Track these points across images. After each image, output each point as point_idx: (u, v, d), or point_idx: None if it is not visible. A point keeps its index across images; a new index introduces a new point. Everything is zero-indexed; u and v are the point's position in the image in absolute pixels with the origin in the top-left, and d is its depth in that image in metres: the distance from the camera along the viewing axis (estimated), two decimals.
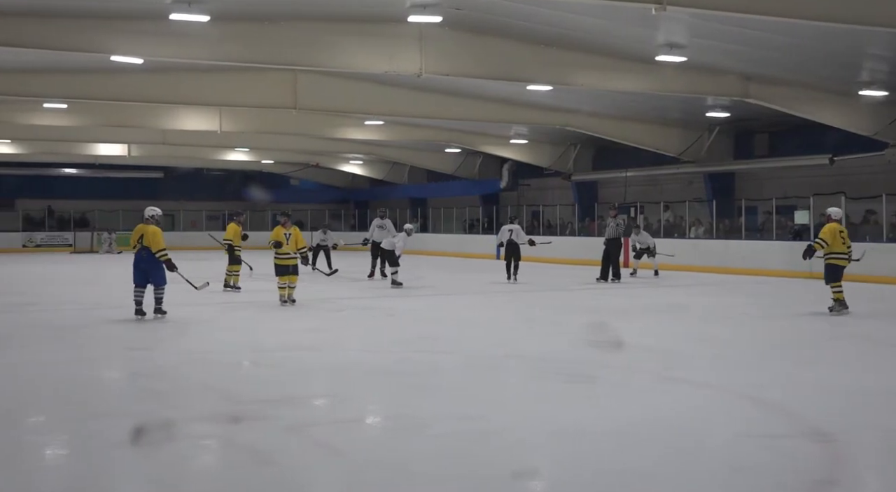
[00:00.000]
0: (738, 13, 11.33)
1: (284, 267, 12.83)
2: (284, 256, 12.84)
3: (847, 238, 11.64)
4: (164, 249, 11.14)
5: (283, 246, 12.84)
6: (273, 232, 13.05)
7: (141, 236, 11.20)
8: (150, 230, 11.17)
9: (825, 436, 5.38)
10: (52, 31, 13.52)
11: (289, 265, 12.80)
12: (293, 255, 12.83)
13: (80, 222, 37.14)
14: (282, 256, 12.86)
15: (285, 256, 12.84)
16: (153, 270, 11.14)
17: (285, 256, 12.84)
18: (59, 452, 5.38)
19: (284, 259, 12.85)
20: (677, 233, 23.69)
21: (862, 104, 18.35)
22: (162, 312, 11.37)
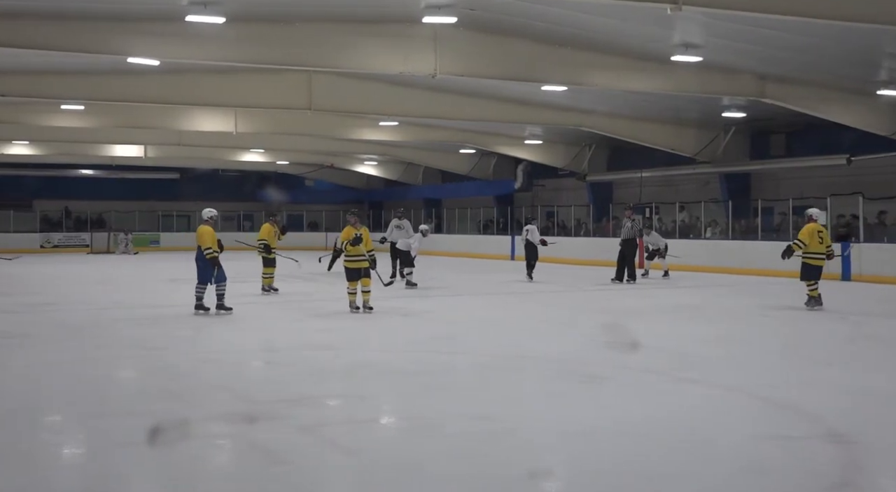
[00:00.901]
0: (754, 13, 11.26)
1: (356, 271, 11.70)
2: (357, 258, 11.74)
3: (826, 238, 12.06)
4: (211, 248, 11.51)
5: (351, 247, 11.75)
6: (343, 232, 11.96)
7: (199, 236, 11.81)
8: (200, 230, 11.75)
9: (841, 437, 5.33)
10: (69, 34, 13.62)
11: (360, 269, 11.70)
12: (365, 257, 11.76)
13: (97, 223, 37.40)
14: (353, 259, 11.75)
15: (358, 259, 11.73)
16: (200, 268, 11.60)
17: (358, 259, 11.73)
18: (74, 451, 5.41)
19: (356, 262, 11.73)
20: (693, 234, 23.59)
21: (880, 104, 18.19)
22: (225, 309, 11.70)
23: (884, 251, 17.71)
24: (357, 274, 11.68)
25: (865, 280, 17.25)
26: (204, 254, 11.55)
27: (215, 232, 11.76)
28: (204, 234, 11.63)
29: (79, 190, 38.62)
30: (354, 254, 11.72)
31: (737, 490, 4.44)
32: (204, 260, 11.59)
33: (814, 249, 11.85)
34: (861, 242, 18.11)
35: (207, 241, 11.53)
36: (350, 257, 11.78)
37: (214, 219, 11.96)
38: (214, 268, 11.60)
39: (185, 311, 11.99)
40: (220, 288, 11.72)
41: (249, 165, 37.07)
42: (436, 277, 18.73)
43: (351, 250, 11.75)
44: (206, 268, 11.59)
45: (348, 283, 11.77)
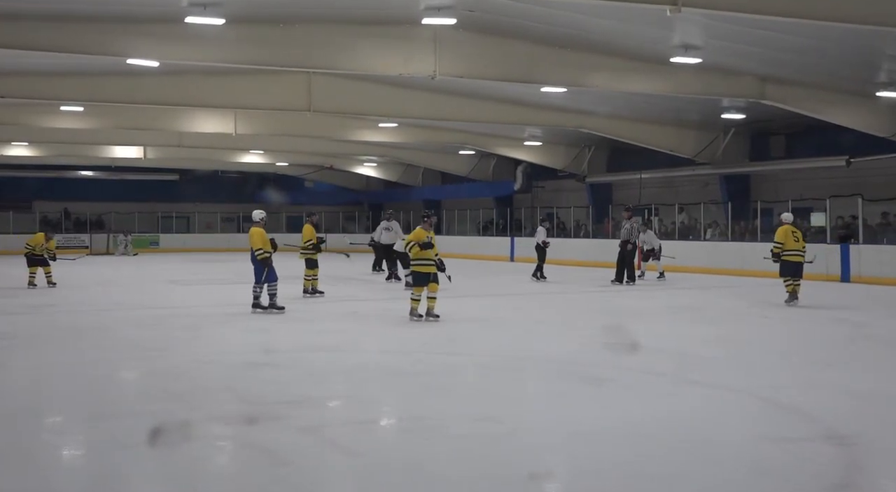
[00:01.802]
0: (754, 14, 11.28)
1: (425, 276, 10.95)
2: (427, 262, 10.97)
3: (801, 238, 13.03)
4: (261, 249, 11.70)
5: (421, 250, 11.00)
6: (414, 233, 11.17)
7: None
8: (251, 231, 11.92)
9: (843, 439, 5.33)
10: (69, 35, 13.62)
11: (430, 273, 10.97)
12: (435, 261, 11.06)
13: (97, 224, 37.40)
14: (423, 263, 10.99)
15: (428, 263, 10.97)
16: (258, 269, 11.77)
17: (428, 263, 10.97)
18: (75, 452, 5.41)
19: (426, 266, 10.97)
20: (692, 235, 23.60)
21: (879, 105, 18.20)
22: (277, 308, 11.87)
23: (883, 252, 17.72)
24: (426, 279, 10.95)
25: (865, 281, 17.25)
26: (256, 255, 11.74)
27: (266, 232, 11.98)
28: (255, 235, 11.83)
29: (78, 191, 38.63)
30: (424, 258, 10.95)
31: (738, 491, 4.44)
32: (257, 261, 11.77)
33: (791, 248, 12.74)
34: (861, 244, 18.11)
35: (258, 242, 11.74)
36: (420, 261, 10.99)
37: (264, 220, 12.18)
38: (265, 268, 11.78)
39: (186, 312, 12.00)
40: (272, 288, 11.92)
41: (249, 166, 37.08)
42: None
43: (421, 254, 10.96)
44: (259, 269, 11.79)
45: (414, 288, 11.10)
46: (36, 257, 16.39)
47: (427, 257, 10.97)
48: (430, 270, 10.96)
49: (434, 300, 11.02)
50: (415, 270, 11.14)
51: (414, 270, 11.19)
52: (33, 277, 16.30)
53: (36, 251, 16.40)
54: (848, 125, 18.86)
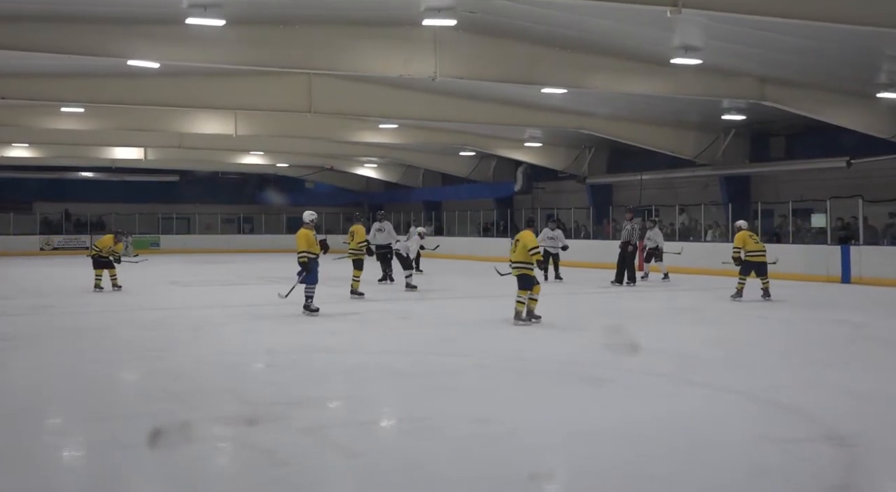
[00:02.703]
0: (754, 15, 11.26)
1: (532, 278, 10.99)
2: (525, 265, 10.97)
3: (759, 241, 14.34)
4: (304, 252, 11.60)
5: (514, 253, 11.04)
6: (528, 235, 11.16)
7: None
8: (298, 233, 11.81)
9: (843, 440, 5.33)
10: (69, 36, 13.62)
11: (534, 275, 11.02)
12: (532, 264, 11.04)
13: (97, 225, 37.41)
14: (527, 266, 10.96)
15: (526, 266, 10.97)
16: (305, 270, 11.68)
17: (526, 266, 10.97)
18: (75, 452, 5.41)
19: (528, 269, 10.98)
20: (693, 236, 23.59)
21: (880, 106, 18.19)
22: (311, 310, 11.77)
23: (884, 254, 17.71)
24: (532, 281, 10.94)
25: (865, 283, 17.25)
26: (298, 258, 11.67)
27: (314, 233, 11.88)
28: (300, 237, 11.73)
29: (79, 192, 38.64)
30: (528, 262, 10.95)
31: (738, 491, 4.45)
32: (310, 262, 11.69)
33: (750, 249, 13.85)
34: (861, 245, 18.11)
35: (302, 244, 11.66)
36: (525, 265, 10.93)
37: (314, 222, 12.03)
38: (304, 271, 11.69)
39: (186, 313, 11.99)
40: (309, 290, 11.84)
41: (249, 167, 37.08)
42: (436, 280, 18.73)
43: (527, 257, 10.93)
44: (311, 270, 11.68)
45: (521, 291, 10.92)
46: (102, 259, 16.01)
47: (531, 261, 10.97)
48: (533, 273, 11.02)
49: (535, 302, 11.00)
50: (524, 273, 10.95)
51: (524, 273, 10.95)
52: (99, 280, 15.94)
53: (103, 253, 16.00)
54: (848, 126, 18.85)
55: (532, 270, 10.96)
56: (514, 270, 10.99)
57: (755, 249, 13.91)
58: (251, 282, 18.43)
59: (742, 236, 14.00)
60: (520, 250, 10.93)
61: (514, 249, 11.11)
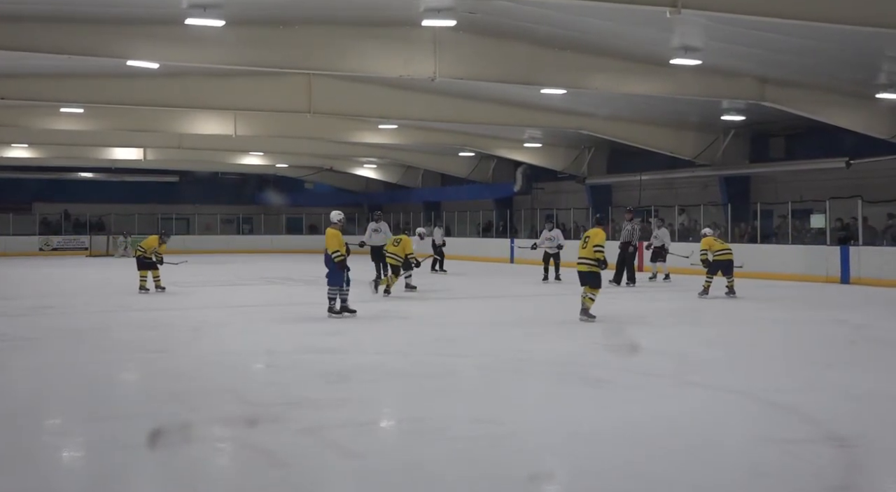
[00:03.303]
0: (754, 16, 11.27)
1: (599, 276, 11.22)
2: (593, 262, 11.11)
3: (723, 243, 15.33)
4: (338, 251, 11.42)
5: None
6: (601, 236, 11.35)
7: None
8: (328, 233, 11.65)
9: (843, 441, 5.33)
10: (69, 37, 13.62)
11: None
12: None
13: (96, 226, 37.40)
14: (592, 263, 11.13)
15: (594, 263, 11.12)
16: (330, 271, 11.50)
17: (594, 263, 11.12)
18: (75, 453, 5.41)
19: (596, 266, 11.14)
20: (692, 237, 23.57)
21: (879, 107, 18.21)
22: (335, 312, 11.54)
23: (883, 254, 17.72)
24: (599, 279, 11.20)
25: (864, 283, 17.25)
26: (332, 257, 11.44)
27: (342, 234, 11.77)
28: (332, 237, 11.54)
29: (78, 193, 38.64)
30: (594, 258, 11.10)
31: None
32: (333, 263, 11.48)
33: (716, 249, 14.80)
34: (860, 245, 18.11)
35: (335, 244, 11.45)
36: (592, 262, 11.11)
37: (342, 222, 11.90)
38: (344, 271, 11.55)
39: (186, 313, 11.98)
40: (345, 293, 11.66)
41: (249, 167, 37.09)
42: (435, 281, 18.72)
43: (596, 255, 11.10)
44: (335, 271, 11.49)
45: (594, 290, 11.19)
46: (147, 261, 15.68)
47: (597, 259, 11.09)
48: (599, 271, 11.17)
49: (592, 301, 11.23)
50: (594, 270, 11.14)
51: (593, 270, 11.15)
52: (144, 281, 15.67)
53: (147, 254, 15.68)
54: (848, 127, 18.86)
55: (598, 267, 11.08)
56: (583, 266, 11.14)
57: (721, 249, 14.84)
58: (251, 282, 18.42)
59: (708, 241, 15.01)
60: (590, 248, 11.10)
61: (585, 246, 11.22)
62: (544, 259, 18.75)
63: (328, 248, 11.51)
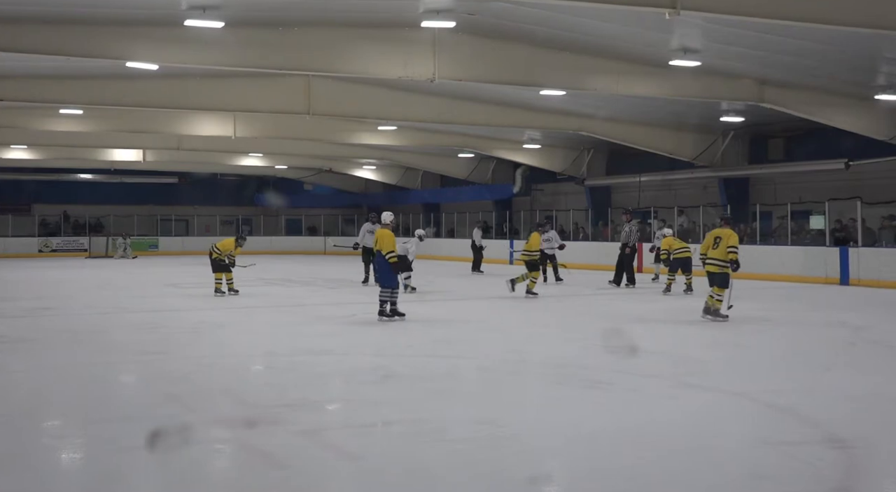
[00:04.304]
0: (753, 17, 11.27)
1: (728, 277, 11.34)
2: (723, 263, 11.25)
3: (682, 242, 15.96)
4: (394, 251, 11.28)
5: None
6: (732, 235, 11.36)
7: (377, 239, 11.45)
8: (381, 233, 11.42)
9: (842, 443, 5.33)
10: (68, 38, 13.62)
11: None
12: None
13: (96, 227, 37.37)
14: (722, 263, 11.28)
15: (724, 264, 11.26)
16: (382, 272, 11.30)
17: (724, 264, 11.26)
18: (73, 455, 5.40)
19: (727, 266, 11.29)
20: (692, 238, 23.56)
21: (878, 108, 18.22)
22: (386, 315, 11.36)
23: (882, 255, 17.72)
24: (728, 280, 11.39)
25: (864, 284, 17.25)
26: (387, 258, 11.22)
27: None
28: (387, 237, 11.28)
29: (77, 194, 38.61)
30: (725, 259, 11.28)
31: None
32: (386, 264, 11.26)
33: (676, 248, 15.69)
34: (859, 247, 18.12)
35: (390, 244, 11.22)
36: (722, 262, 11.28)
37: (394, 222, 11.77)
38: (398, 272, 11.48)
39: (185, 315, 11.97)
40: (396, 294, 11.51)
41: (248, 169, 37.08)
42: (434, 282, 18.72)
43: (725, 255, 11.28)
44: (388, 272, 11.29)
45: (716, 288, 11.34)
46: (222, 263, 15.23)
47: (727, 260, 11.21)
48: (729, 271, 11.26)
49: (720, 302, 11.34)
50: (724, 271, 11.27)
51: (724, 270, 11.27)
52: (220, 284, 15.26)
53: (222, 256, 15.20)
54: (846, 128, 18.87)
55: (729, 268, 11.15)
56: (713, 266, 11.25)
57: (680, 247, 15.68)
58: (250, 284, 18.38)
59: (668, 240, 15.98)
60: (721, 249, 11.17)
61: (716, 247, 11.25)
62: (541, 260, 18.72)
63: (382, 248, 11.19)
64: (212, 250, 15.37)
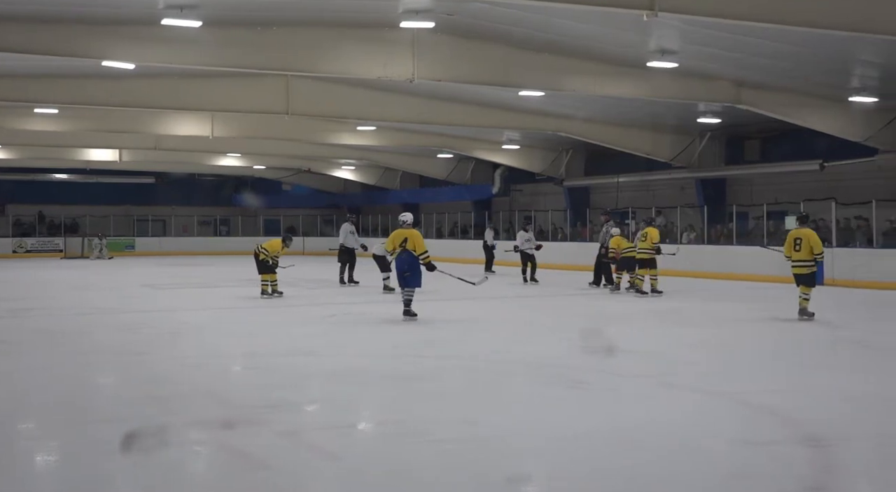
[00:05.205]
0: (730, 19, 11.37)
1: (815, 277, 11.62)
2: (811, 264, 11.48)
3: (629, 242, 16.20)
4: (427, 252, 11.34)
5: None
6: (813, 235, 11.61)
7: (404, 240, 11.41)
8: (413, 234, 11.45)
9: (819, 442, 5.39)
10: (44, 37, 13.48)
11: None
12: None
13: (71, 228, 36.99)
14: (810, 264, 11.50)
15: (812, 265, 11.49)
16: (413, 272, 11.31)
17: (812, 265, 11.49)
18: (51, 458, 5.35)
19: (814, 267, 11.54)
20: (669, 238, 23.75)
21: (852, 110, 18.44)
22: (409, 315, 11.38)
23: (856, 256, 17.94)
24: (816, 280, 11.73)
25: (838, 285, 17.45)
26: (421, 259, 11.32)
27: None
28: (419, 237, 11.40)
29: (53, 194, 38.19)
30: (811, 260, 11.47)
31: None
32: (418, 264, 11.32)
33: (624, 247, 15.96)
34: (834, 247, 18.32)
35: (423, 245, 11.39)
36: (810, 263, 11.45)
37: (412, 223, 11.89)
38: (432, 269, 11.49)
39: (164, 316, 11.89)
40: (410, 293, 11.51)
41: (226, 169, 36.85)
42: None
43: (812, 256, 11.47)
44: (418, 272, 11.34)
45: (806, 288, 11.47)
46: (269, 264, 14.91)
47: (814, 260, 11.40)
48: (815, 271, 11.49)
49: (808, 301, 11.44)
50: (813, 271, 11.46)
51: (813, 271, 11.46)
52: (266, 286, 14.99)
53: (270, 257, 14.88)
54: (821, 130, 19.08)
55: (815, 267, 11.43)
56: (800, 268, 11.36)
57: (627, 247, 16.00)
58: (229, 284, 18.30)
59: (616, 240, 16.24)
60: (805, 250, 11.29)
61: (799, 249, 11.35)
62: (522, 260, 18.82)
63: (416, 249, 11.28)
64: (259, 251, 15.04)
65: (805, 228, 11.63)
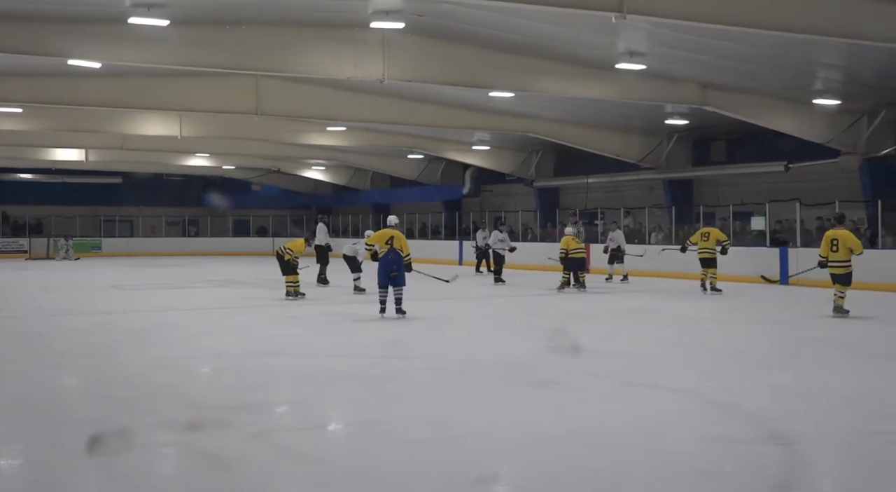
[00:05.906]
0: (696, 22, 11.50)
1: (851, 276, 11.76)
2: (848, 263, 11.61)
3: (579, 242, 16.84)
4: (410, 254, 11.67)
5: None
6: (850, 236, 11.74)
7: (390, 238, 11.58)
8: (399, 234, 11.72)
9: (786, 440, 5.46)
10: (7, 34, 13.29)
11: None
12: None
13: (36, 228, 36.45)
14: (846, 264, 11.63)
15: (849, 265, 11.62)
16: (401, 272, 11.58)
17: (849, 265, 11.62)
18: (14, 461, 5.28)
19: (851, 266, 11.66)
20: (638, 239, 23.95)
21: (816, 113, 18.73)
22: (402, 312, 11.64)
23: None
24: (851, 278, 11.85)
25: (802, 284, 17.70)
26: (407, 260, 11.59)
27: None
28: (404, 239, 11.71)
29: (17, 194, 37.60)
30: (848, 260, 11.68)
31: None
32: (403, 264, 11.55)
33: (573, 248, 16.59)
34: (798, 247, 18.58)
35: (408, 246, 11.73)
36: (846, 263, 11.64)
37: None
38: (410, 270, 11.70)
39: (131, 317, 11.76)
40: (400, 292, 11.74)
41: (194, 169, 36.53)
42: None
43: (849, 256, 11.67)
44: (405, 272, 11.61)
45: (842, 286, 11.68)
46: (293, 264, 14.60)
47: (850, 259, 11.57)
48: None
49: (843, 299, 11.64)
50: (850, 270, 11.62)
51: (850, 270, 11.60)
52: (290, 287, 14.72)
53: (294, 257, 14.57)
54: (786, 132, 19.37)
55: (851, 267, 11.52)
56: (837, 269, 11.51)
57: (577, 247, 16.55)
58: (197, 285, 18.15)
59: (566, 239, 16.59)
60: (843, 250, 11.41)
61: (836, 249, 11.45)
62: (495, 261, 18.90)
63: (403, 249, 11.58)
64: (282, 252, 14.75)
65: (842, 228, 11.68)
